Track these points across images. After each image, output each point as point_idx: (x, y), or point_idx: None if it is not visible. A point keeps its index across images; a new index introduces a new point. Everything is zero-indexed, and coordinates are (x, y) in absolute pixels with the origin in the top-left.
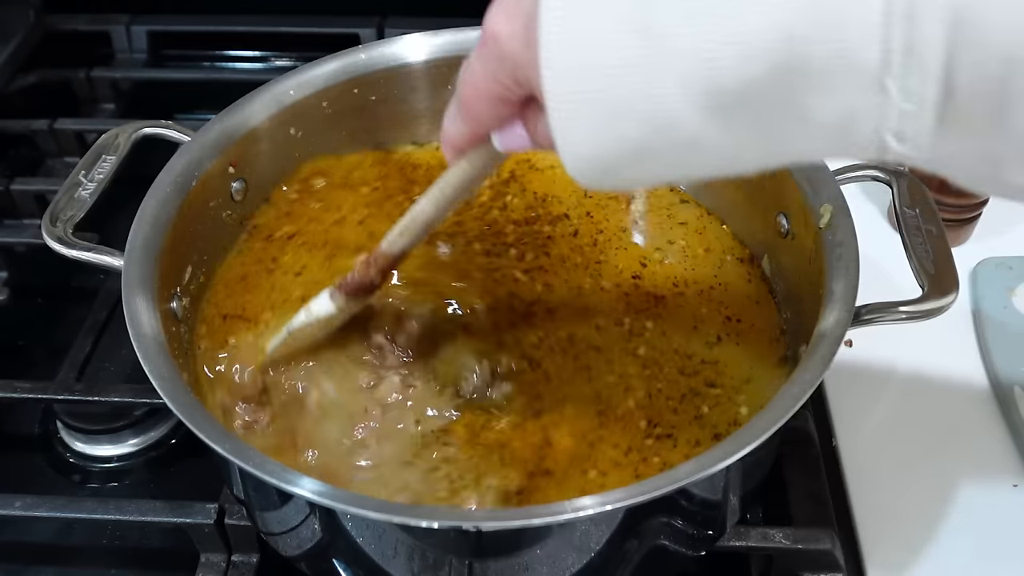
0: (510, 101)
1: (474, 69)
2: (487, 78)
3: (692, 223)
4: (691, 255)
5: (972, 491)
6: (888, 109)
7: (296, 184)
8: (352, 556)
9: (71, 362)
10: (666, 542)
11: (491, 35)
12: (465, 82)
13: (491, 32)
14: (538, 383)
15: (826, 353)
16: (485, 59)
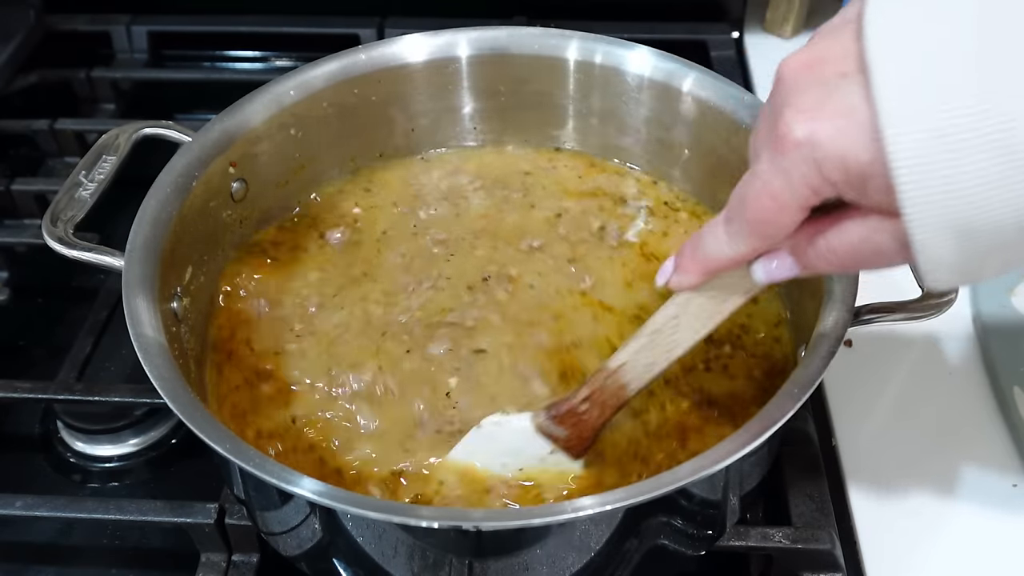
0: (806, 212)
1: (771, 183)
2: (795, 187)
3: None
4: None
5: (972, 491)
6: None
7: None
8: (352, 556)
9: (71, 362)
10: (666, 542)
11: (802, 140)
12: (758, 197)
13: (801, 137)
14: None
15: (826, 353)
16: (793, 167)
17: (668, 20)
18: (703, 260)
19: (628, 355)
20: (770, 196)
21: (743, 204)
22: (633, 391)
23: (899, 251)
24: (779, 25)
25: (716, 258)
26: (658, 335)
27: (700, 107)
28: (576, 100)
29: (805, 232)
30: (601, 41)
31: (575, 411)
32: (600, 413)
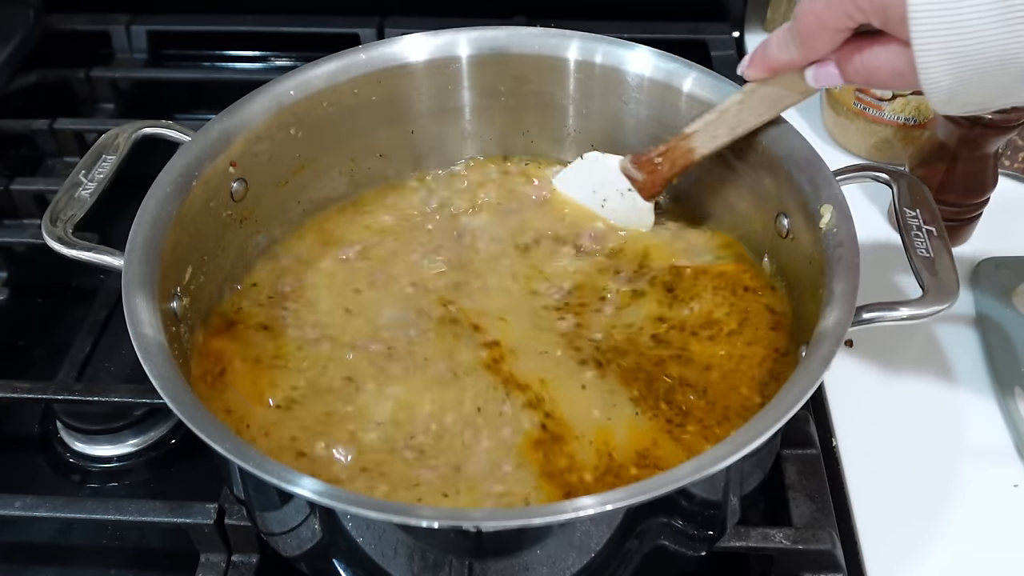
0: (846, 32)
1: (816, 4)
2: (833, 9)
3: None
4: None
5: (972, 491)
6: None
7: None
8: (352, 556)
9: (71, 362)
10: (666, 542)
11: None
12: (806, 12)
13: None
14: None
15: (826, 353)
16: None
17: (668, 20)
18: (766, 59)
19: (699, 125)
20: (814, 14)
21: (798, 20)
22: (699, 155)
23: (911, 73)
24: (779, 25)
25: (775, 59)
26: (725, 113)
27: (700, 107)
28: (576, 100)
29: (847, 49)
30: (601, 41)
31: (652, 160)
32: (670, 167)
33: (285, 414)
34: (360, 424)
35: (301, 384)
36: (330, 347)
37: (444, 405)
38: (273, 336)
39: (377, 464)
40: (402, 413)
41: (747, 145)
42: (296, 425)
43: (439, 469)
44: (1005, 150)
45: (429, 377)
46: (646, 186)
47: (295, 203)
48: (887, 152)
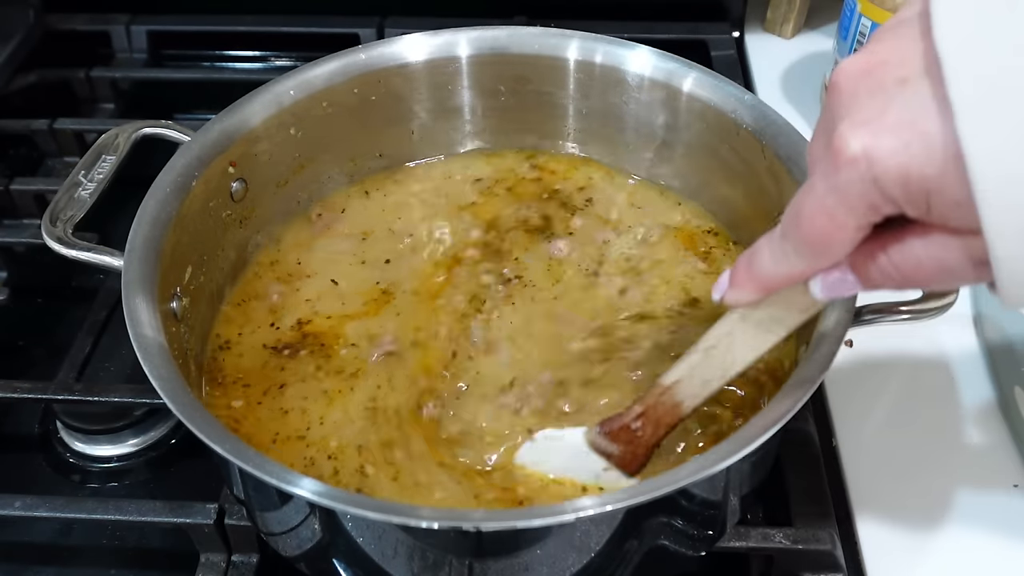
0: (867, 230)
1: (825, 199)
2: (851, 205)
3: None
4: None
5: (972, 491)
6: None
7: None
8: (352, 556)
9: (71, 362)
10: (666, 542)
11: (858, 156)
12: (812, 214)
13: (858, 153)
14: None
15: (826, 353)
16: (848, 185)
17: (668, 20)
18: (758, 277)
19: (683, 372)
20: (825, 215)
21: (798, 221)
22: (689, 409)
23: (971, 269)
24: (779, 25)
25: (772, 275)
26: (713, 351)
27: (700, 107)
28: (576, 100)
29: (866, 248)
30: (601, 41)
31: (628, 428)
32: (655, 431)
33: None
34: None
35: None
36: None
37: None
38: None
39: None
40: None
41: (747, 146)
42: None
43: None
44: None
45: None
46: (627, 460)
47: (295, 203)
48: None
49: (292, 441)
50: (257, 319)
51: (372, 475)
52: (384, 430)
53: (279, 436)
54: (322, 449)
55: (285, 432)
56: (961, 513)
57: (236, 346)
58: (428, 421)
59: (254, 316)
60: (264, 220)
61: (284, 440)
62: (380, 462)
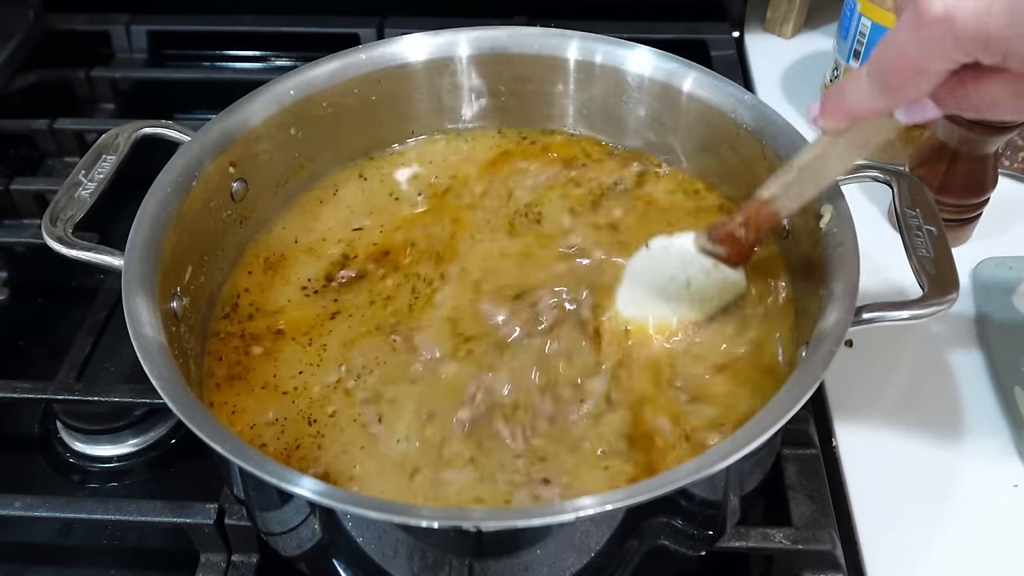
0: (946, 74)
1: (909, 50)
2: (932, 57)
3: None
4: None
5: (972, 491)
6: None
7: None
8: (352, 556)
9: (71, 362)
10: (666, 542)
11: (941, 17)
12: (895, 60)
13: (940, 14)
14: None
15: (826, 353)
16: (930, 40)
17: (668, 20)
18: (849, 110)
19: (778, 187)
20: (909, 64)
21: (883, 67)
22: (786, 214)
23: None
24: (779, 25)
25: (857, 107)
26: (806, 170)
27: (700, 107)
28: (576, 100)
29: (948, 85)
30: (601, 41)
31: (732, 233)
32: (756, 233)
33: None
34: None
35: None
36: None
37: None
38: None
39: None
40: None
41: (747, 146)
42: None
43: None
44: (1005, 150)
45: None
46: (732, 258)
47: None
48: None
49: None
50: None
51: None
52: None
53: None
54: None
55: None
56: (961, 513)
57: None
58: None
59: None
60: (264, 220)
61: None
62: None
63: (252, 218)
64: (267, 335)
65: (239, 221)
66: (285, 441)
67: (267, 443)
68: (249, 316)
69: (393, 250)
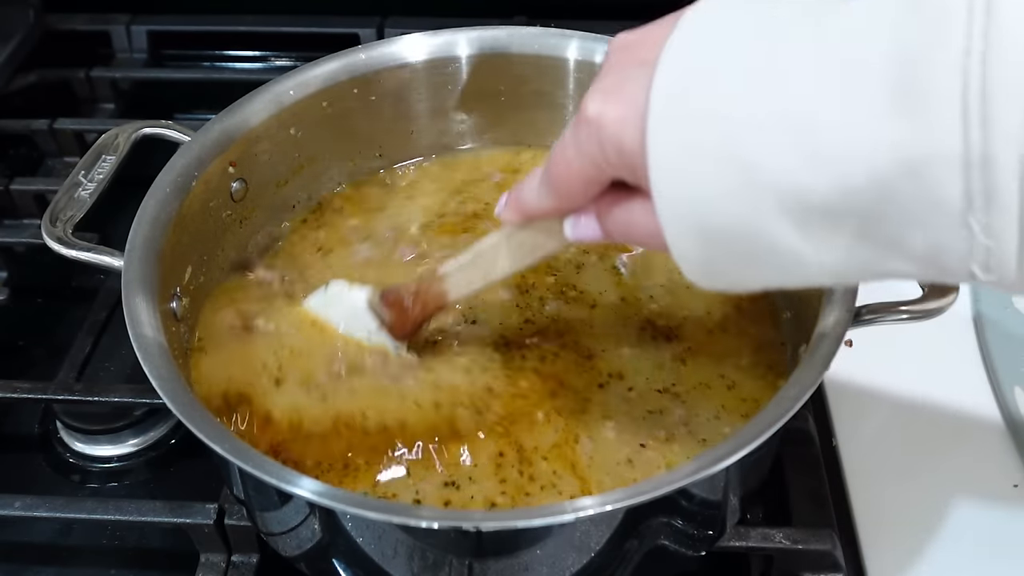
0: (600, 183)
1: (567, 149)
2: (583, 159)
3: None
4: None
5: (972, 491)
6: (974, 245)
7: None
8: (352, 556)
9: (71, 362)
10: (666, 542)
11: (592, 118)
12: (557, 160)
13: (592, 115)
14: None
15: (826, 353)
16: (583, 141)
17: None
18: (521, 206)
19: (453, 268)
20: (565, 162)
21: (547, 164)
22: (452, 299)
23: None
24: None
25: (529, 206)
26: (480, 257)
27: None
28: (576, 100)
29: (606, 201)
30: (601, 41)
31: (401, 301)
32: (422, 310)
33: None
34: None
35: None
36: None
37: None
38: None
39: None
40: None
41: None
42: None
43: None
44: None
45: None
46: (395, 327)
47: (295, 203)
48: None
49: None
50: None
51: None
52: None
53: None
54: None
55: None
56: (961, 513)
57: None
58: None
59: None
60: (264, 220)
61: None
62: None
63: (252, 218)
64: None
65: (239, 221)
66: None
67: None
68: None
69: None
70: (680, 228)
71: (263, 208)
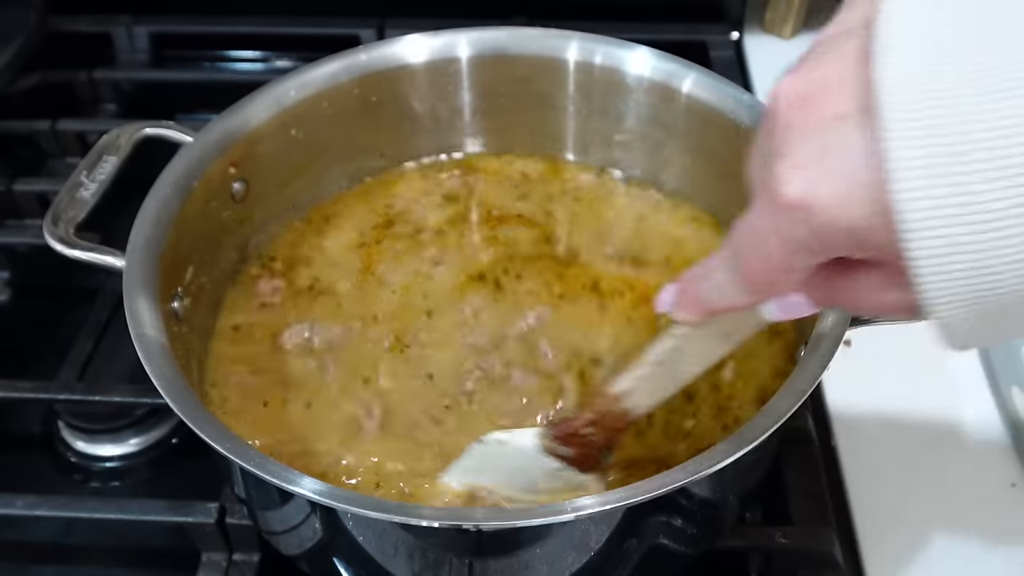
0: (810, 269)
1: (766, 241)
2: (789, 249)
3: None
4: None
5: (972, 491)
6: None
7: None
8: (353, 555)
9: (72, 362)
10: (666, 541)
11: (796, 203)
12: (752, 253)
13: (795, 200)
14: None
15: (826, 353)
16: (787, 230)
17: (668, 20)
18: (704, 305)
19: (631, 384)
20: (764, 256)
21: (741, 261)
22: (640, 414)
23: (915, 311)
24: (778, 25)
25: (715, 305)
26: (660, 366)
27: (700, 108)
28: (576, 100)
29: (820, 277)
30: (601, 41)
31: (578, 434)
32: (607, 436)
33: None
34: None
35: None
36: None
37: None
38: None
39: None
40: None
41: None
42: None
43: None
44: None
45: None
46: (581, 460)
47: (296, 204)
48: None
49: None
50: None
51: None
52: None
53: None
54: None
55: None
56: (960, 512)
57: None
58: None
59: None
60: (265, 221)
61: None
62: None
63: (253, 219)
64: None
65: (240, 222)
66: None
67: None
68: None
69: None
70: (953, 302)
71: (264, 209)
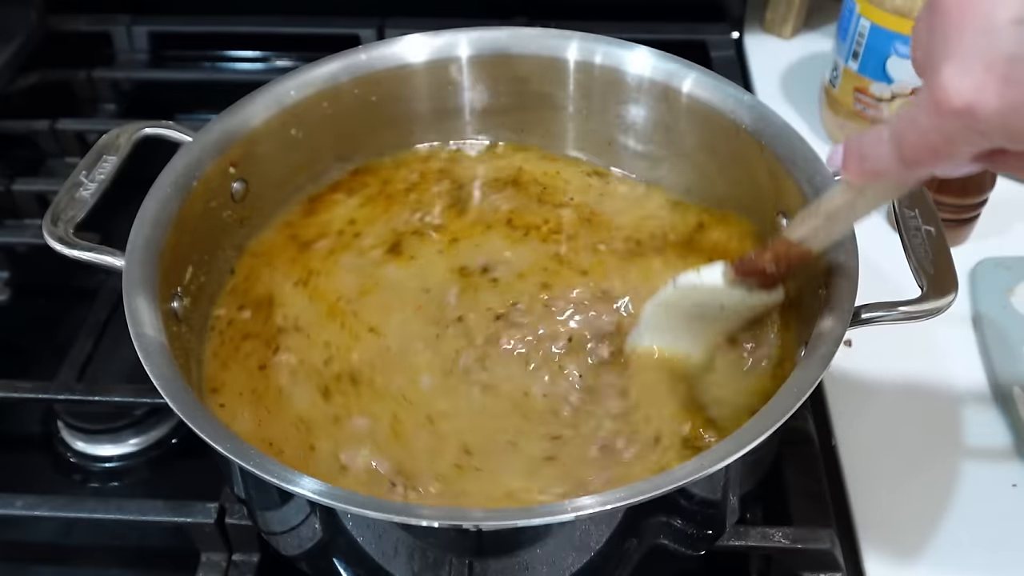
0: (970, 156)
1: (927, 133)
2: (957, 145)
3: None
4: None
5: (972, 491)
6: None
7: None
8: (352, 555)
9: (72, 362)
10: (666, 541)
11: (961, 109)
12: (918, 146)
13: (960, 106)
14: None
15: (826, 353)
16: (953, 130)
17: (668, 20)
18: (870, 171)
19: (806, 231)
20: (930, 149)
21: (905, 148)
22: (818, 251)
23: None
24: (779, 25)
25: (882, 173)
26: (834, 217)
27: (700, 107)
28: (576, 100)
29: (979, 155)
30: (601, 41)
31: (762, 269)
32: (788, 266)
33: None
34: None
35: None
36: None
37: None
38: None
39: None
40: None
41: (746, 146)
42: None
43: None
44: None
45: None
46: (765, 285)
47: (296, 204)
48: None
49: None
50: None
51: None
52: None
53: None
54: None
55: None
56: (960, 513)
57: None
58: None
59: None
60: (265, 221)
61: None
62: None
63: (252, 218)
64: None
65: (239, 221)
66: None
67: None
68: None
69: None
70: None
71: (264, 208)
